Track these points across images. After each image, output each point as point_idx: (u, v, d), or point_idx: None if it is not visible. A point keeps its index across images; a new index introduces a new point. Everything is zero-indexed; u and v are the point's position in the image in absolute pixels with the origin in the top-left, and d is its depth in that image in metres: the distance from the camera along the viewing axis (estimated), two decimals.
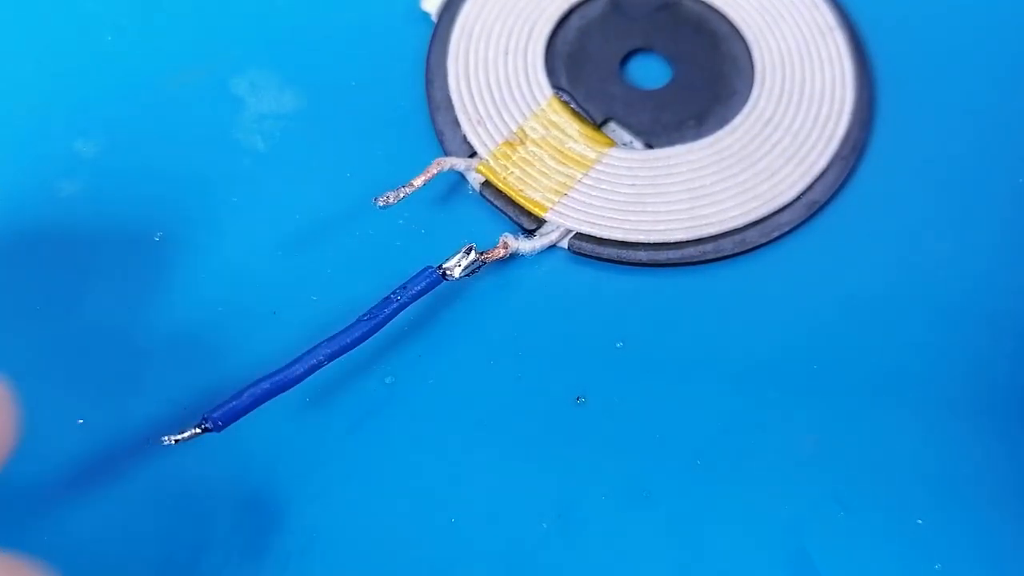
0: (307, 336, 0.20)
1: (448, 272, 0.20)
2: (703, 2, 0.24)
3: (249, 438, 0.19)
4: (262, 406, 0.18)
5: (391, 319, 0.19)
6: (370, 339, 0.19)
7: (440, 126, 0.23)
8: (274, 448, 0.19)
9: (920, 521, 0.19)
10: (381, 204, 0.20)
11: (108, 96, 0.23)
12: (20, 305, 0.21)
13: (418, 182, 0.20)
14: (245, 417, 0.18)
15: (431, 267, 0.20)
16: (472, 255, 0.20)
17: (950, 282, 0.22)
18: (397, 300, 0.19)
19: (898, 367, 0.21)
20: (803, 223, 0.22)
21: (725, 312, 0.21)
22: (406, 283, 0.19)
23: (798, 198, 0.22)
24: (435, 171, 0.21)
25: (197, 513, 0.19)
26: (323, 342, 0.18)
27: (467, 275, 0.20)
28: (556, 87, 0.23)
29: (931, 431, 0.20)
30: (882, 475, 0.20)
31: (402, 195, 0.20)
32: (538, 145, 0.22)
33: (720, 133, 0.23)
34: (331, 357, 0.18)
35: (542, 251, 0.22)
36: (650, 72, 0.24)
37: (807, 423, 0.20)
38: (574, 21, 0.24)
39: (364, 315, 0.19)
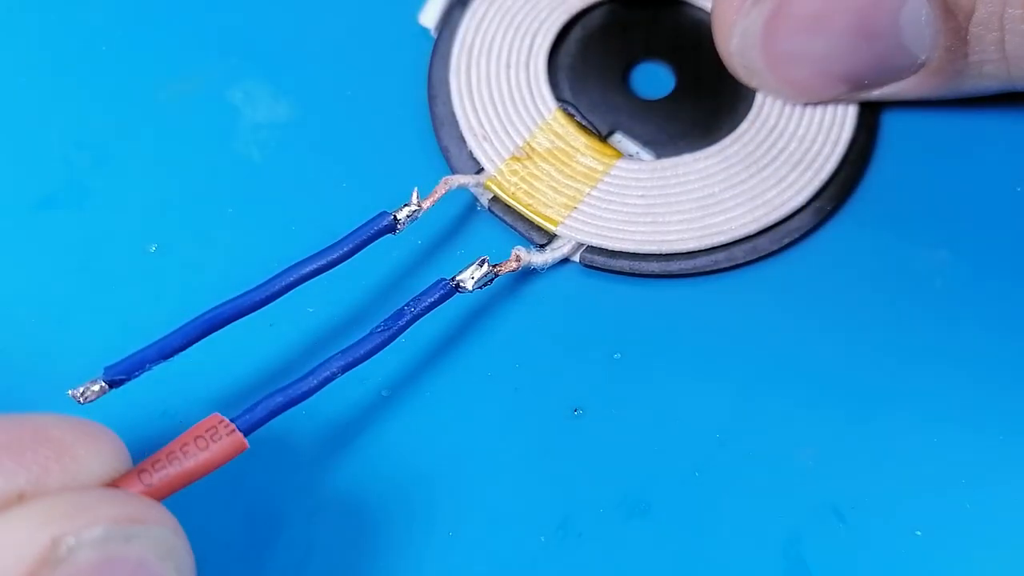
0: (304, 350, 0.20)
1: (461, 284, 0.19)
2: (702, 9, 0.24)
3: (242, 453, 0.19)
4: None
5: (404, 331, 0.19)
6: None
7: (445, 142, 0.23)
8: (268, 462, 0.19)
9: (919, 533, 0.19)
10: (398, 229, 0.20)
11: (102, 107, 0.23)
12: (15, 316, 0.21)
13: (426, 204, 0.20)
14: None
15: (444, 279, 0.19)
16: (485, 267, 0.20)
17: (958, 287, 0.21)
18: (411, 312, 0.19)
19: (902, 376, 0.20)
20: (812, 229, 0.22)
21: (732, 321, 0.21)
22: (419, 295, 0.19)
23: (807, 204, 0.22)
24: (443, 191, 0.21)
25: (191, 528, 0.18)
26: (336, 354, 0.18)
27: (479, 287, 0.20)
28: (560, 100, 0.23)
29: (932, 442, 0.20)
30: (881, 486, 0.19)
31: (412, 217, 0.20)
32: (545, 159, 0.22)
33: (726, 140, 0.22)
34: (344, 369, 0.18)
35: (554, 265, 0.21)
36: (653, 81, 0.24)
37: (807, 434, 0.20)
38: (575, 32, 0.24)
39: (378, 326, 0.18)
